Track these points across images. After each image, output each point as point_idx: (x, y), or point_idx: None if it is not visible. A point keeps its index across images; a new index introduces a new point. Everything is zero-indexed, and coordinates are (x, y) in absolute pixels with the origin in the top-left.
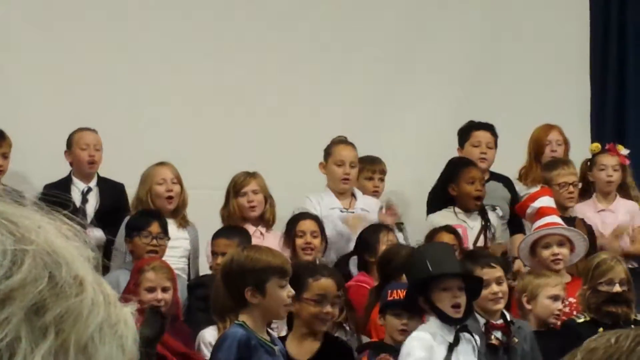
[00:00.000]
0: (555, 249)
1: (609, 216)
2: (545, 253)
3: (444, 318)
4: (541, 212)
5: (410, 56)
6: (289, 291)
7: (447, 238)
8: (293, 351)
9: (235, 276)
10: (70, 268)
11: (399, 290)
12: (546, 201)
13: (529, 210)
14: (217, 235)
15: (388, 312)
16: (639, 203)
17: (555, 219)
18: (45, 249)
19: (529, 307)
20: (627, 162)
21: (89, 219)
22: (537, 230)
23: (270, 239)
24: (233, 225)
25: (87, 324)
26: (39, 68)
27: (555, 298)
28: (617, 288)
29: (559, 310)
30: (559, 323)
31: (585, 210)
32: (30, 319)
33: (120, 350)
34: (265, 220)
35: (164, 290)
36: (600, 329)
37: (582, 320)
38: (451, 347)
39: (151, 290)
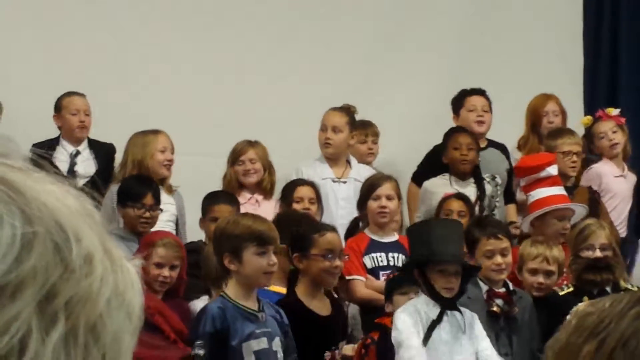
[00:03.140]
0: (567, 224)
1: (623, 181)
2: (558, 226)
3: (434, 295)
4: (551, 181)
5: (404, 27)
6: (269, 259)
7: (456, 204)
8: (315, 308)
9: (217, 243)
10: (81, 246)
11: (396, 274)
12: (555, 170)
13: (535, 175)
14: (215, 201)
15: (394, 293)
16: (632, 172)
17: (564, 190)
18: (54, 226)
19: (519, 277)
20: (623, 120)
21: (79, 183)
22: (552, 205)
23: (265, 207)
24: (223, 191)
25: (96, 303)
26: (27, 32)
27: (533, 272)
28: (597, 253)
29: (539, 283)
30: (541, 294)
31: (605, 171)
32: (41, 308)
33: (128, 319)
34: (263, 188)
35: (172, 268)
36: (585, 298)
37: (564, 292)
38: (433, 325)
39: (159, 265)
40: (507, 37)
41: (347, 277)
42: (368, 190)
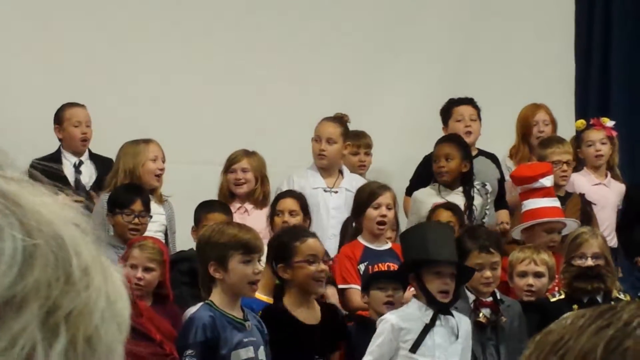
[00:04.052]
0: (556, 237)
1: (604, 189)
2: (546, 238)
3: (430, 299)
4: (544, 193)
5: (396, 36)
6: (254, 268)
7: (445, 214)
8: (302, 317)
9: (201, 251)
10: (80, 258)
11: (379, 264)
12: (549, 182)
13: (528, 185)
14: (209, 210)
15: (372, 287)
16: (619, 180)
17: (557, 202)
18: (54, 238)
19: (511, 284)
20: (615, 133)
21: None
22: (543, 218)
23: (255, 217)
24: (217, 200)
25: (93, 315)
26: (23, 42)
27: (523, 275)
28: (588, 262)
29: (529, 285)
30: (532, 298)
31: (581, 183)
32: (43, 321)
33: (119, 329)
34: (255, 199)
35: (146, 270)
36: (575, 306)
37: (556, 298)
38: (426, 328)
39: (134, 267)
40: (499, 47)
41: (343, 286)
42: (368, 198)
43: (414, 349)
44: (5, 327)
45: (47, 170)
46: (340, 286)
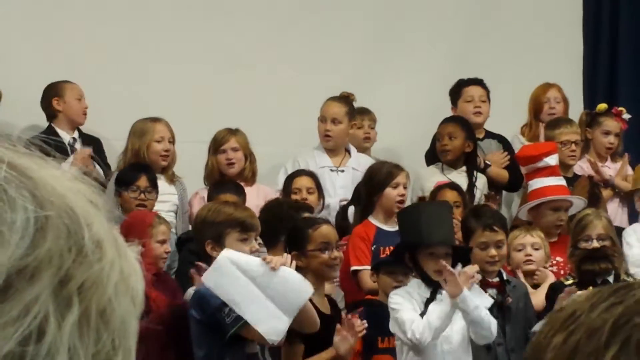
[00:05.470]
0: (562, 215)
1: (606, 171)
2: (552, 217)
3: (426, 279)
4: (549, 171)
5: (404, 16)
6: (251, 246)
7: (450, 195)
8: (318, 305)
9: (198, 229)
10: (92, 230)
11: (392, 247)
12: (553, 160)
13: (533, 164)
14: (222, 191)
15: (382, 270)
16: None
17: (562, 181)
18: (66, 210)
19: (508, 267)
20: (625, 127)
21: None
22: (548, 196)
23: (247, 195)
24: (230, 180)
25: (106, 288)
26: (20, 19)
27: (521, 247)
28: (594, 244)
29: (527, 255)
30: (532, 267)
31: (582, 165)
32: (56, 292)
33: (132, 304)
34: (244, 177)
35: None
36: (590, 288)
37: (570, 282)
38: (428, 303)
39: (163, 242)
40: (507, 27)
41: (357, 268)
42: (386, 178)
43: None
44: (17, 296)
45: (48, 144)
46: (354, 267)
